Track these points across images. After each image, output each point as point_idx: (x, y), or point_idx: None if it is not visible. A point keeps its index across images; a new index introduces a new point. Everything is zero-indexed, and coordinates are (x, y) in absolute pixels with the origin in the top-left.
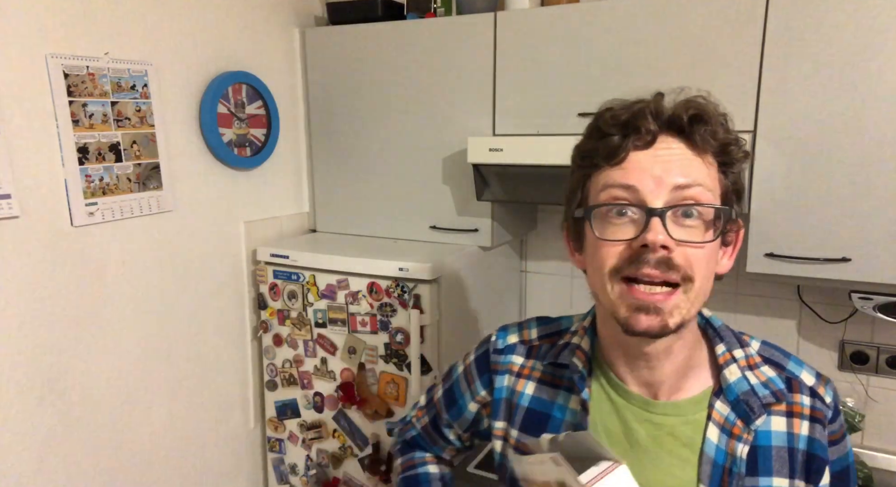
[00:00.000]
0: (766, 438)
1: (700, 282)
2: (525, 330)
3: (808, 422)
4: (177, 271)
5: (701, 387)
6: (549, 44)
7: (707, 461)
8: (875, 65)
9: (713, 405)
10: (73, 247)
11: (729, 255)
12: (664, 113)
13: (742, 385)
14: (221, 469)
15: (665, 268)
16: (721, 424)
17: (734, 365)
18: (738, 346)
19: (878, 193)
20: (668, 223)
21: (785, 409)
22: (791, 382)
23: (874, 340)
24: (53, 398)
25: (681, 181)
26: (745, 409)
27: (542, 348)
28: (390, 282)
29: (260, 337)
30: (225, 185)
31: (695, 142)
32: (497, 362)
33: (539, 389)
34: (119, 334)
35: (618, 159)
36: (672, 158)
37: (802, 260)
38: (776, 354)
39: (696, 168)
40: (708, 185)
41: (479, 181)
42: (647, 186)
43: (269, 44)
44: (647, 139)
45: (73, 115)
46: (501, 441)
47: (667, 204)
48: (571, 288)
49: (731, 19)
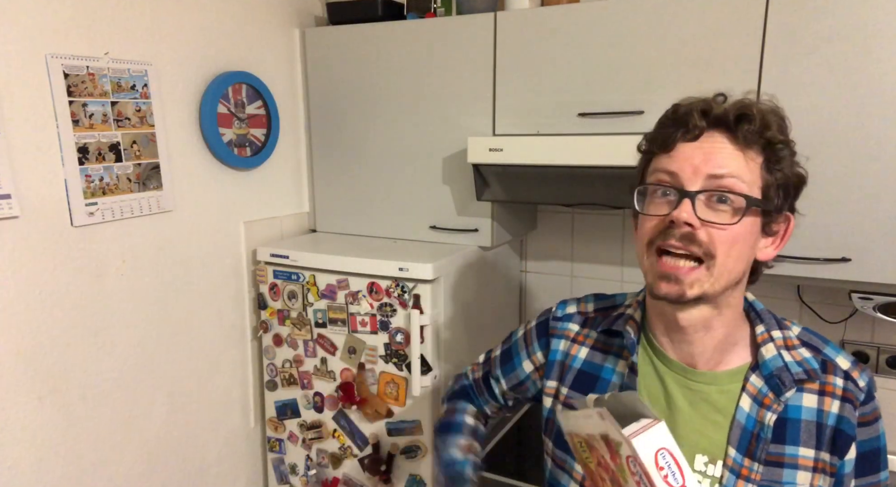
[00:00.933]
0: (797, 412)
1: (723, 259)
2: (583, 303)
3: (839, 401)
4: (177, 271)
5: (739, 362)
6: (549, 44)
7: (738, 426)
8: (875, 65)
9: (748, 378)
10: (73, 247)
11: (775, 245)
12: (713, 111)
13: (777, 361)
14: (221, 469)
15: (688, 242)
16: (754, 395)
17: (771, 344)
18: (777, 328)
19: (878, 194)
20: (699, 205)
21: (817, 388)
22: (826, 364)
23: (874, 340)
24: (53, 397)
25: (716, 171)
26: (777, 383)
27: (598, 319)
28: (390, 282)
29: (260, 337)
30: (225, 185)
31: (738, 139)
32: (555, 327)
33: (591, 354)
34: (119, 334)
35: (668, 149)
36: (714, 151)
37: (802, 260)
38: (815, 339)
39: (734, 161)
40: (744, 177)
41: (479, 181)
42: (686, 173)
43: (269, 44)
44: (695, 133)
45: (73, 115)
46: (552, 398)
47: (701, 188)
48: (571, 288)
49: (731, 19)
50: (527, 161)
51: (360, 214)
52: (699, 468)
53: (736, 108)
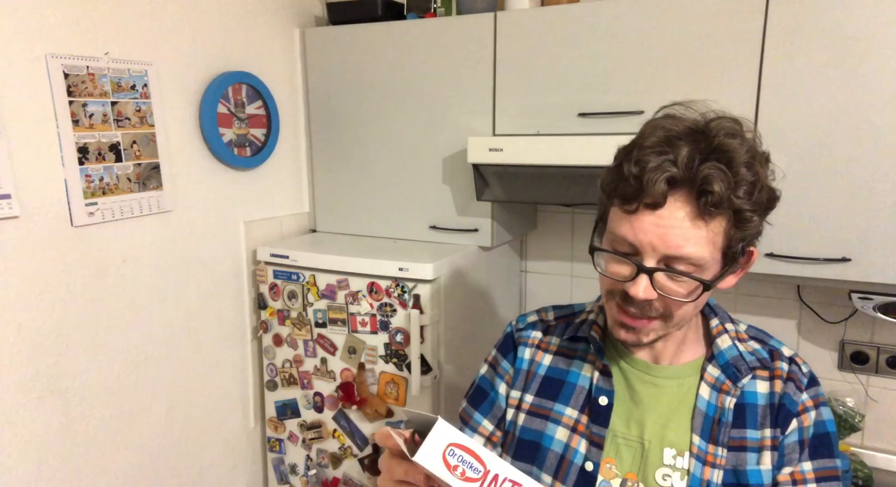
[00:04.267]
0: (753, 397)
1: (680, 317)
2: (542, 312)
3: (782, 382)
4: (177, 271)
5: (696, 355)
6: (549, 44)
7: (699, 413)
8: (875, 65)
9: (706, 368)
10: (73, 247)
11: (736, 275)
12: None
13: (732, 351)
14: (221, 469)
15: (643, 311)
16: (712, 383)
17: (726, 335)
18: (730, 321)
19: (878, 193)
20: (659, 277)
21: (768, 375)
22: (773, 352)
23: (874, 340)
24: (53, 398)
25: (672, 253)
26: (734, 371)
27: (558, 326)
28: (390, 282)
29: (260, 337)
30: (225, 185)
31: (701, 209)
32: (520, 337)
33: (555, 360)
34: (119, 334)
35: (630, 208)
36: (673, 227)
37: (802, 260)
38: (760, 333)
39: (693, 240)
40: (703, 254)
41: (479, 181)
42: (645, 248)
43: (269, 44)
44: (658, 201)
45: (73, 115)
46: (514, 409)
47: (656, 266)
48: (571, 288)
49: (731, 19)
50: (527, 161)
51: (360, 214)
52: (668, 461)
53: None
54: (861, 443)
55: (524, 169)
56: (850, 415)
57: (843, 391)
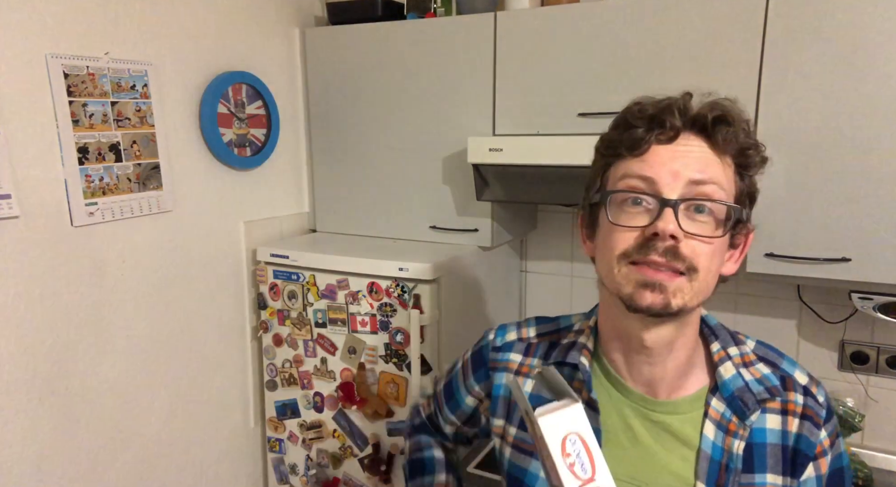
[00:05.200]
0: (762, 435)
1: (705, 274)
2: (524, 328)
3: (799, 420)
4: (177, 271)
5: (698, 385)
6: (549, 44)
7: (704, 457)
8: (875, 64)
9: (709, 402)
10: (73, 247)
11: (735, 259)
12: (690, 111)
13: (737, 381)
14: (221, 469)
15: (671, 257)
16: (717, 420)
17: (729, 363)
18: (733, 344)
19: (878, 193)
20: (680, 215)
21: (779, 407)
22: (785, 380)
23: (874, 340)
24: (53, 398)
25: (697, 176)
26: (740, 405)
27: (541, 346)
28: (390, 282)
29: (260, 337)
30: (225, 185)
31: (716, 142)
32: (496, 359)
33: (538, 387)
34: (119, 334)
35: (640, 150)
36: (691, 154)
37: (802, 260)
38: (770, 353)
39: (713, 166)
40: (723, 184)
41: (479, 181)
42: (665, 179)
43: (269, 44)
44: (671, 134)
45: (73, 115)
46: (499, 438)
47: (681, 196)
48: (571, 287)
49: (731, 19)
50: (527, 161)
51: (360, 214)
52: None
53: (713, 109)
54: (861, 443)
55: (524, 169)
56: (850, 415)
57: (843, 391)
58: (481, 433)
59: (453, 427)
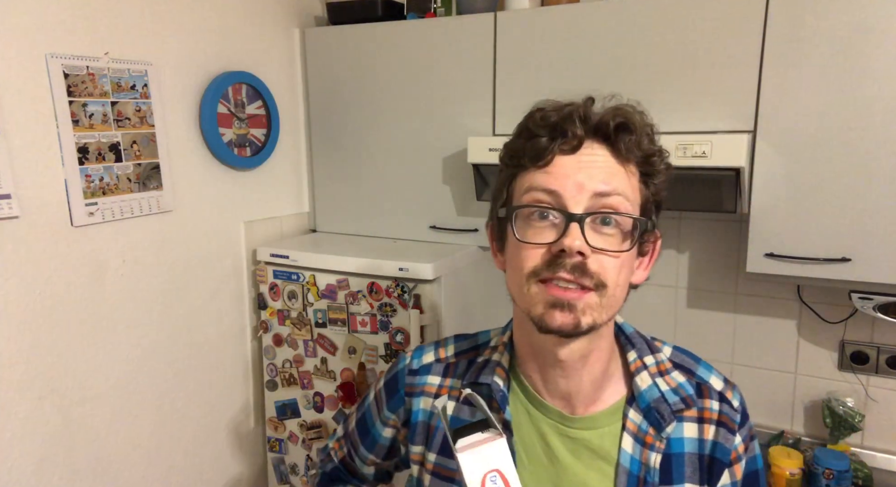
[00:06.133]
0: (679, 445)
1: (614, 289)
2: (441, 348)
3: (714, 427)
4: (177, 271)
5: (615, 397)
6: (549, 44)
7: (623, 472)
8: (875, 64)
9: (626, 414)
10: (73, 247)
11: (645, 266)
12: (592, 119)
13: (653, 392)
14: (221, 469)
15: (579, 274)
16: (634, 433)
17: (645, 372)
18: (649, 352)
19: (878, 193)
20: (586, 230)
21: (696, 415)
22: (701, 387)
23: (874, 340)
24: (53, 398)
25: (602, 188)
26: (657, 416)
27: (460, 365)
28: (390, 282)
29: (260, 337)
30: (225, 185)
31: (619, 151)
32: (413, 384)
33: (458, 409)
34: (119, 334)
35: (544, 162)
36: (595, 165)
37: (802, 260)
38: (686, 359)
39: (618, 176)
40: (628, 195)
41: (479, 181)
42: (570, 191)
43: (269, 44)
44: (574, 144)
45: (73, 115)
46: (418, 466)
47: (586, 210)
48: None
49: (731, 19)
50: None
51: (360, 214)
52: None
53: (615, 117)
54: (861, 443)
55: None
56: (850, 415)
57: (843, 391)
58: (402, 463)
59: (373, 466)
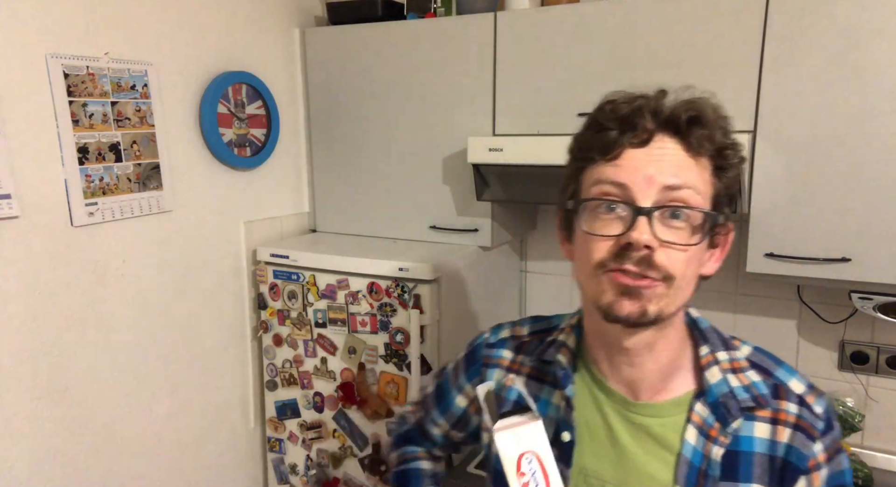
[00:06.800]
0: (749, 444)
1: (681, 281)
2: (517, 326)
3: (790, 430)
4: (177, 271)
5: (683, 389)
6: (549, 44)
7: (684, 462)
8: (875, 64)
9: (693, 407)
10: (73, 247)
11: (716, 258)
12: (663, 112)
13: (722, 387)
14: (221, 469)
15: (646, 267)
16: (699, 426)
17: (716, 368)
18: (723, 349)
19: (878, 193)
20: (654, 223)
21: (770, 416)
22: (778, 389)
23: (874, 340)
24: (53, 397)
25: (671, 182)
26: (723, 411)
27: (532, 344)
28: (390, 282)
29: (260, 337)
30: (225, 185)
31: (690, 144)
32: (489, 356)
33: (527, 384)
34: (119, 334)
35: (612, 155)
36: (665, 158)
37: (802, 260)
38: (766, 360)
39: (688, 170)
40: (699, 188)
41: (479, 181)
42: (638, 185)
43: (269, 44)
44: (644, 137)
45: (73, 115)
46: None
47: (655, 203)
48: (571, 288)
49: (731, 19)
50: (527, 161)
51: (360, 214)
52: None
53: (687, 110)
54: (861, 443)
55: (524, 169)
56: (850, 415)
57: (843, 391)
58: (469, 438)
59: (442, 429)
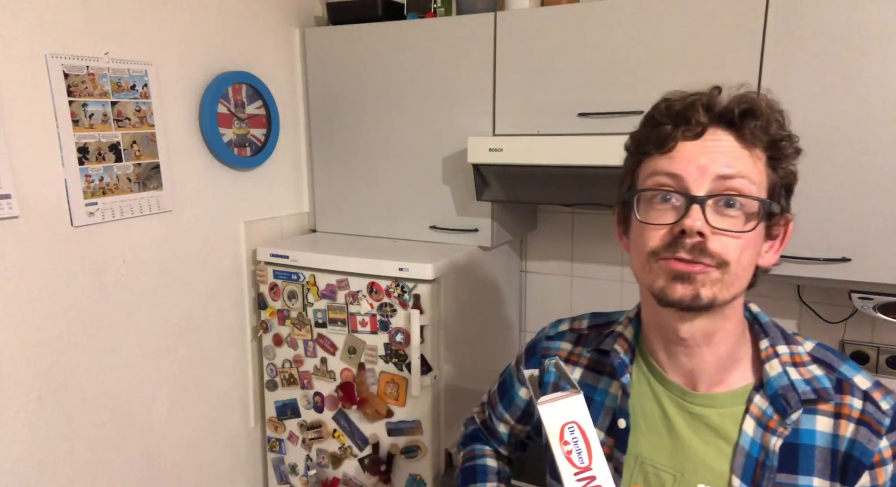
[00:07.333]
0: (811, 437)
1: (736, 267)
2: (577, 320)
3: (854, 425)
4: (177, 271)
5: (742, 382)
6: (549, 44)
7: (741, 453)
8: (875, 64)
9: (752, 399)
10: (73, 247)
11: (775, 250)
12: (716, 106)
13: (782, 379)
14: (221, 469)
15: (699, 253)
16: (758, 417)
17: (776, 361)
18: (784, 343)
19: (878, 193)
20: (708, 211)
21: (832, 410)
22: (841, 383)
23: (874, 340)
24: (53, 398)
25: (725, 171)
26: (783, 403)
27: (591, 337)
28: (390, 282)
29: (260, 337)
30: (225, 185)
31: (744, 136)
32: (548, 348)
33: (585, 375)
34: (119, 334)
35: (667, 148)
36: (719, 149)
37: (802, 260)
38: (829, 355)
39: (742, 160)
40: (752, 178)
41: (479, 181)
42: (692, 175)
43: (269, 44)
44: (697, 130)
45: (73, 115)
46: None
47: (709, 192)
48: (571, 287)
49: (731, 19)
50: (527, 161)
51: (360, 214)
52: None
53: (740, 103)
54: None
55: (524, 169)
56: None
57: None
58: (534, 433)
59: (507, 426)
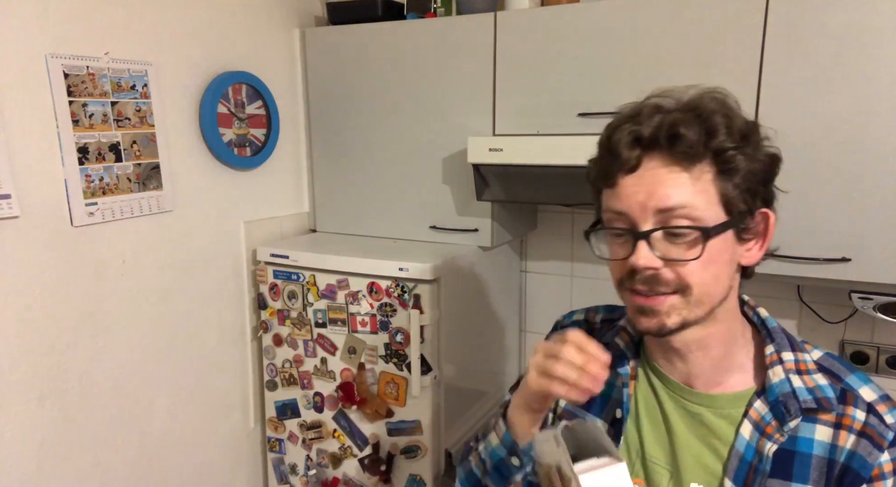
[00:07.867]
0: (807, 445)
1: (699, 288)
2: (592, 312)
3: (855, 436)
4: (177, 271)
5: (743, 386)
6: (549, 44)
7: (736, 455)
8: (875, 65)
9: (752, 403)
10: (73, 247)
11: (759, 245)
12: (644, 136)
13: (784, 386)
14: (221, 469)
15: (655, 283)
16: (756, 422)
17: (779, 367)
18: (790, 350)
19: (878, 193)
20: (656, 243)
21: (833, 420)
22: (846, 394)
23: (874, 340)
24: (53, 398)
25: (662, 205)
26: (782, 410)
27: (602, 330)
28: (390, 282)
29: (260, 337)
30: (225, 185)
31: (678, 159)
32: None
33: None
34: (119, 334)
35: (610, 183)
36: (656, 180)
37: (802, 260)
38: (837, 365)
39: (680, 188)
40: (696, 203)
41: (479, 181)
42: (635, 211)
43: (269, 44)
44: (632, 164)
45: (73, 115)
46: (551, 413)
47: (653, 225)
48: (571, 288)
49: (731, 19)
50: (527, 161)
51: (360, 214)
52: None
53: (669, 126)
54: None
55: (524, 169)
56: None
57: None
58: None
59: None
